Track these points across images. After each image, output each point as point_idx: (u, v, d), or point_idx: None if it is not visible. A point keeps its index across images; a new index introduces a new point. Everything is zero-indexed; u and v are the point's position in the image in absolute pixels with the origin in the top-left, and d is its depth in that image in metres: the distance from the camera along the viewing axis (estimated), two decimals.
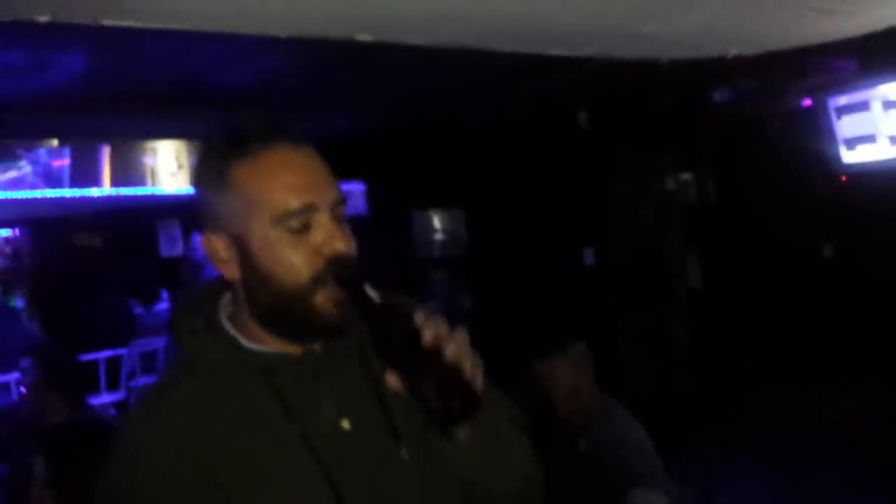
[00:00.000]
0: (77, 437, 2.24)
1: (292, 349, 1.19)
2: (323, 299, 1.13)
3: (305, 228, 1.13)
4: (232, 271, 1.18)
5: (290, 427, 1.15)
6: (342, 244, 1.14)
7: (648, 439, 2.44)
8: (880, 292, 4.43)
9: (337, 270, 1.13)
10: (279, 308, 1.15)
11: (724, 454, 5.03)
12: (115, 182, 6.11)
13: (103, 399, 5.93)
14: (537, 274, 5.67)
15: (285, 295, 1.14)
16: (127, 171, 6.15)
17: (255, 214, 1.13)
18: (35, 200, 5.95)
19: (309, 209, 1.13)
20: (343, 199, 1.18)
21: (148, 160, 6.21)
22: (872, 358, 4.68)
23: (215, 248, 1.18)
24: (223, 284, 1.24)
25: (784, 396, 6.24)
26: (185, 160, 6.23)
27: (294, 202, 1.13)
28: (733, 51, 3.85)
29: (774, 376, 6.30)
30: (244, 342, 1.20)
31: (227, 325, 1.22)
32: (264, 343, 1.19)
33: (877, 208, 4.27)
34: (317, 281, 1.13)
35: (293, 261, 1.13)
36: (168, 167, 6.25)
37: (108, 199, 6.35)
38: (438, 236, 5.86)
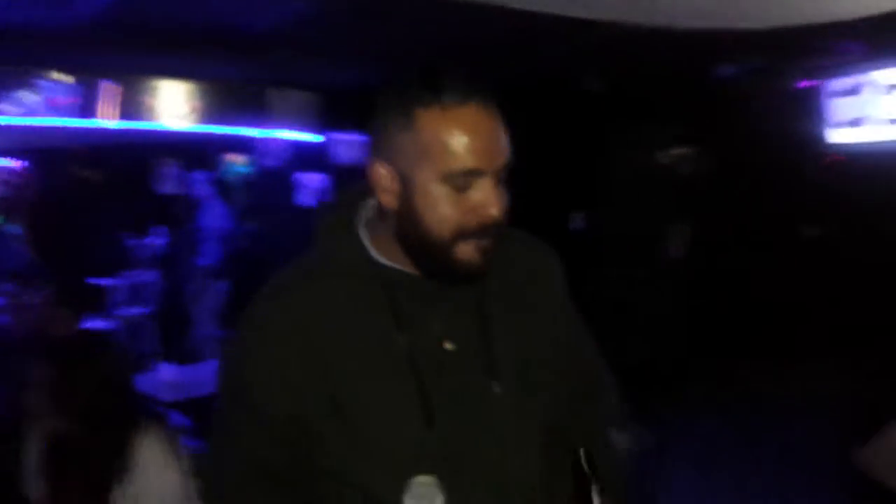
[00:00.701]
0: (79, 348, 2.30)
1: (415, 270, 1.26)
2: (463, 251, 1.20)
3: (467, 187, 1.18)
4: (390, 202, 1.22)
5: (397, 337, 1.23)
6: (496, 210, 1.19)
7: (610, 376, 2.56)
8: (859, 271, 4.53)
9: (483, 232, 1.20)
10: (422, 249, 1.22)
11: (687, 413, 5.19)
12: (122, 118, 6.15)
13: (92, 326, 6.01)
14: (529, 232, 5.69)
15: (431, 240, 1.20)
16: (134, 108, 6.19)
17: (426, 163, 1.17)
18: (41, 132, 5.99)
19: (476, 172, 1.18)
20: (509, 162, 1.21)
21: (156, 99, 6.24)
22: (841, 335, 4.80)
23: (381, 177, 1.21)
24: (366, 192, 1.29)
25: (754, 367, 6.38)
26: (192, 101, 6.27)
27: (465, 164, 1.16)
28: (742, 24, 3.89)
29: (747, 347, 6.44)
30: (374, 253, 1.27)
31: (363, 233, 1.29)
32: (393, 260, 1.26)
33: (861, 190, 4.36)
34: (462, 235, 1.19)
35: (446, 214, 1.18)
36: (175, 107, 6.28)
37: (110, 135, 6.40)
38: None
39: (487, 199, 1.19)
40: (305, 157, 5.92)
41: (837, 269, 5.03)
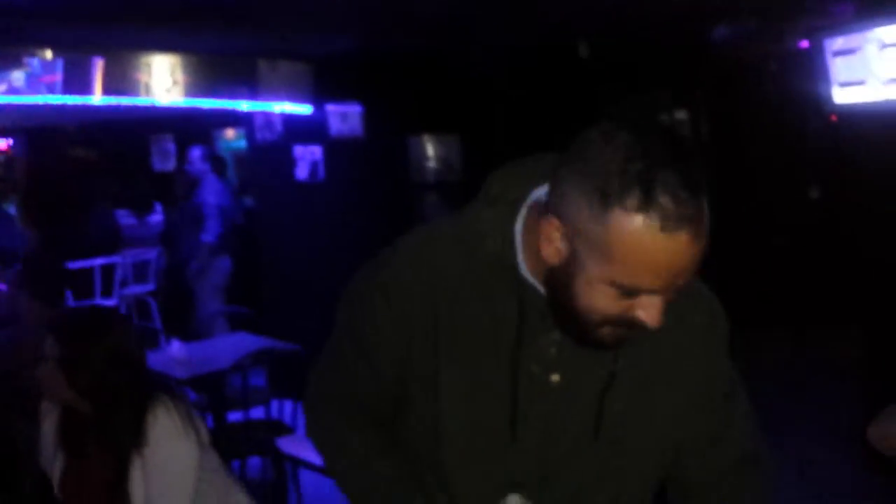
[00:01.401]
0: (82, 321, 2.33)
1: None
2: (604, 332, 1.12)
3: (632, 296, 1.07)
4: (551, 257, 1.10)
5: (511, 351, 1.20)
6: (654, 325, 1.09)
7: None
8: (864, 232, 4.54)
9: (631, 330, 1.12)
10: (564, 312, 1.13)
11: None
12: (110, 94, 6.10)
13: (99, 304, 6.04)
14: None
15: (575, 315, 1.12)
16: (120, 84, 6.13)
17: (602, 261, 1.05)
18: (29, 110, 5.93)
19: (651, 292, 1.07)
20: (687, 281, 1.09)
21: (142, 73, 6.18)
22: (850, 300, 4.83)
23: (552, 235, 1.09)
24: (538, 177, 1.19)
25: (762, 333, 6.43)
26: (180, 75, 6.22)
27: (643, 284, 1.05)
28: None
29: (754, 314, 6.48)
30: (521, 262, 1.18)
31: (518, 231, 1.19)
32: (536, 276, 1.17)
33: (864, 150, 4.36)
34: (611, 323, 1.11)
35: (601, 307, 1.09)
36: (163, 81, 6.23)
37: (102, 111, 6.34)
38: (432, 162, 5.91)
39: (650, 315, 1.08)
40: (300, 129, 5.89)
41: (845, 231, 5.04)
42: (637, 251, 1.01)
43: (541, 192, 1.17)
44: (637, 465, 1.28)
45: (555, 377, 1.21)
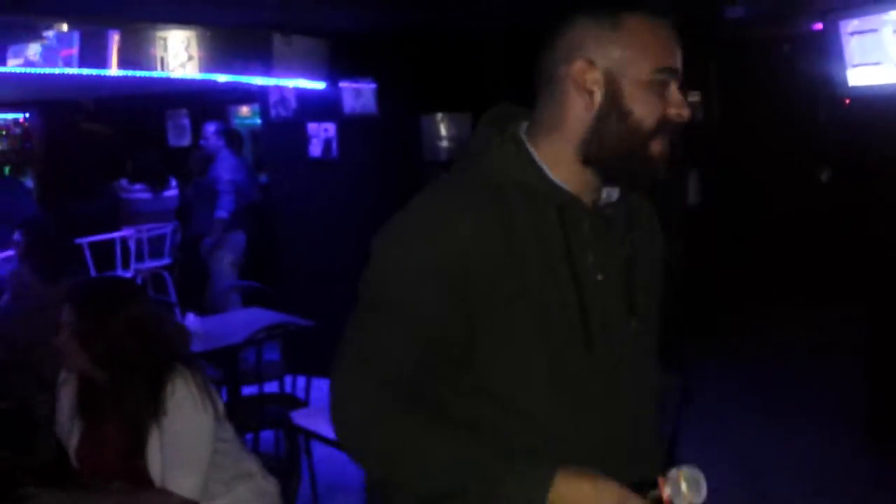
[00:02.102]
0: (100, 290, 2.35)
1: (585, 196, 1.33)
2: (656, 147, 1.29)
3: (666, 86, 1.29)
4: (591, 103, 1.29)
5: (565, 265, 1.29)
6: (686, 111, 1.30)
7: None
8: (874, 216, 4.55)
9: (675, 129, 1.30)
10: (622, 144, 1.29)
11: (705, 364, 5.26)
12: (124, 67, 6.12)
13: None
14: None
15: (635, 133, 1.28)
16: (136, 57, 6.15)
17: (640, 59, 1.27)
18: (46, 84, 5.96)
19: (675, 72, 1.30)
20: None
21: (157, 47, 6.20)
22: (857, 283, 4.84)
23: (585, 78, 1.28)
24: (516, 114, 1.39)
25: (766, 314, 6.46)
26: (195, 49, 6.23)
27: (670, 62, 1.29)
28: None
29: (765, 294, 6.50)
30: (549, 173, 1.31)
31: (532, 151, 1.33)
32: (565, 180, 1.32)
33: (877, 133, 4.35)
34: (660, 129, 1.29)
35: (655, 105, 1.28)
36: (178, 56, 6.24)
37: (117, 86, 6.36)
38: (444, 140, 5.92)
39: (681, 100, 1.30)
40: (313, 106, 5.90)
41: (855, 213, 5.04)
42: (653, 34, 1.28)
43: (525, 124, 1.37)
44: (655, 343, 1.45)
45: (599, 276, 1.32)
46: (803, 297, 6.48)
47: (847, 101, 5.02)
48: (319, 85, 5.63)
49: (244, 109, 8.88)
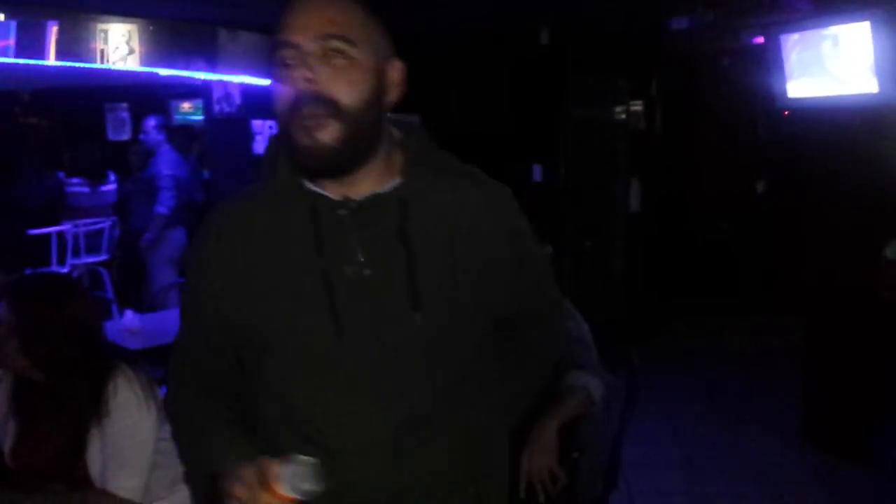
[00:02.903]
0: (40, 288, 2.25)
1: (336, 194, 1.29)
2: (296, 133, 1.21)
3: (286, 64, 1.21)
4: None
5: (316, 260, 1.27)
6: (301, 82, 1.19)
7: (589, 333, 2.60)
8: (809, 227, 4.68)
9: (297, 106, 1.20)
10: (283, 137, 1.26)
11: (647, 368, 5.35)
12: (62, 59, 5.97)
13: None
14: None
15: (279, 125, 1.25)
16: (75, 49, 6.00)
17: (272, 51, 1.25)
18: None
19: (286, 45, 1.20)
20: (334, 36, 1.21)
21: (98, 40, 6.06)
22: (795, 292, 4.99)
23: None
24: None
25: (706, 322, 6.60)
26: (136, 42, 6.11)
27: (280, 38, 1.21)
28: None
29: (700, 301, 6.64)
30: (303, 179, 1.30)
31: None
32: (318, 185, 1.30)
33: (814, 145, 4.48)
34: (291, 111, 1.20)
35: (277, 93, 1.23)
36: (119, 48, 6.11)
37: (56, 78, 6.21)
38: None
39: (297, 72, 1.20)
40: (258, 102, 5.83)
41: (795, 224, 5.19)
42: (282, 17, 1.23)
43: None
44: (459, 338, 1.33)
45: (367, 272, 1.28)
46: (744, 304, 6.65)
47: (786, 113, 5.17)
48: (265, 81, 5.57)
49: (185, 105, 8.74)
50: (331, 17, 1.22)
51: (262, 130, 5.79)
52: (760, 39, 5.21)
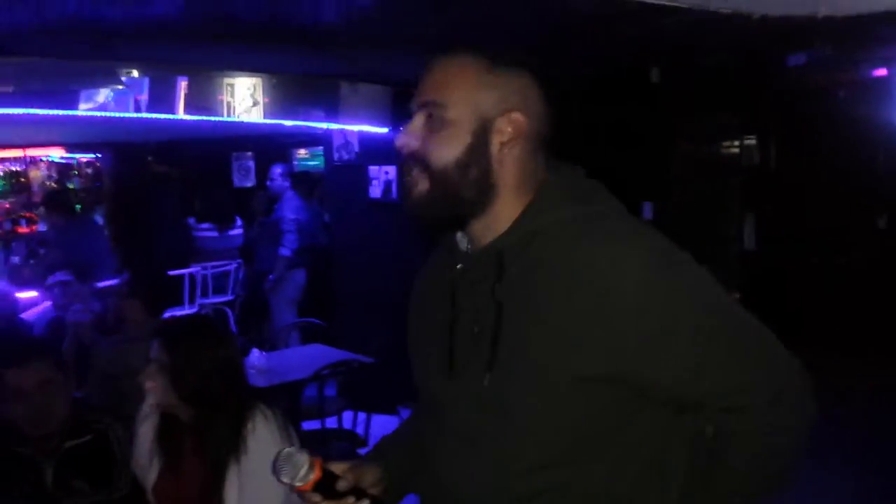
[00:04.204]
0: (190, 328, 2.41)
1: (470, 245, 1.39)
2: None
3: None
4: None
5: (450, 309, 1.37)
6: (401, 143, 1.32)
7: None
8: None
9: (402, 165, 1.35)
10: None
11: None
12: (191, 112, 6.33)
13: (184, 311, 6.29)
14: None
15: None
16: (203, 103, 6.35)
17: None
18: (116, 126, 6.18)
19: (410, 111, 1.34)
20: (429, 102, 1.31)
21: (224, 93, 6.40)
22: None
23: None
24: None
25: (830, 363, 6.34)
26: (261, 95, 6.42)
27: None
28: (823, 11, 3.86)
29: (822, 342, 6.39)
30: (460, 238, 1.40)
31: None
32: (462, 243, 1.41)
33: None
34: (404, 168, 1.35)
35: None
36: (244, 101, 6.44)
37: (185, 129, 6.57)
38: None
39: (401, 135, 1.33)
40: (374, 149, 6.03)
41: None
42: None
43: None
44: (531, 402, 1.26)
45: (476, 327, 1.32)
46: (864, 345, 6.37)
47: None
48: (382, 130, 5.76)
49: (302, 151, 9.08)
50: (435, 82, 1.32)
51: (378, 176, 5.98)
52: (882, 72, 5.07)
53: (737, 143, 6.22)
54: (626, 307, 1.20)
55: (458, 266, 1.36)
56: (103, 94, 5.95)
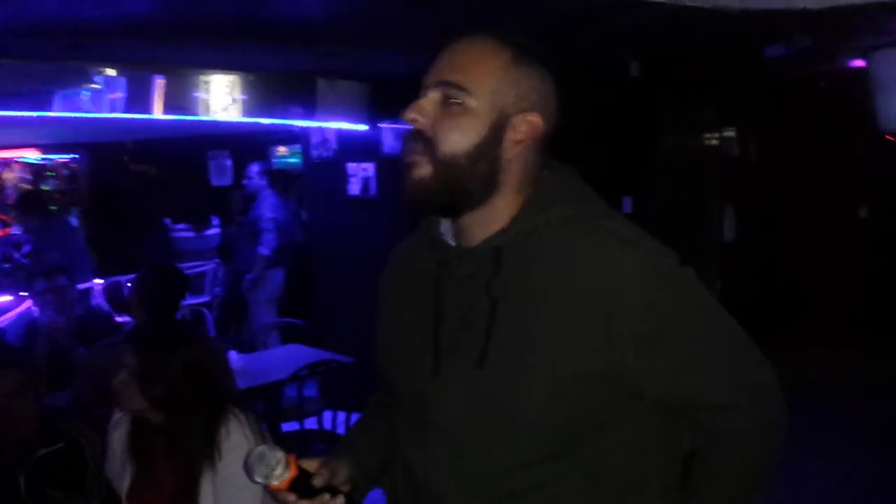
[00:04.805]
0: (160, 333, 2.38)
1: (459, 239, 1.36)
2: (401, 163, 1.30)
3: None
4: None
5: (433, 303, 1.33)
6: (410, 118, 1.27)
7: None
8: None
9: (405, 140, 1.29)
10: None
11: None
12: (171, 111, 6.26)
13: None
14: None
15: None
16: (180, 102, 6.29)
17: None
18: (93, 126, 6.11)
19: (422, 86, 1.29)
20: (451, 83, 1.26)
21: (201, 91, 6.33)
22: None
23: None
24: None
25: (810, 353, 6.36)
26: (239, 93, 6.36)
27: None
28: (800, 3, 3.85)
29: (803, 333, 6.41)
30: (441, 227, 1.38)
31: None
32: (446, 232, 1.38)
33: None
34: (402, 145, 1.30)
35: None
36: (221, 100, 6.37)
37: (161, 128, 6.51)
38: None
39: (410, 109, 1.28)
40: (353, 146, 5.99)
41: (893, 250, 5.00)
42: None
43: None
44: (524, 397, 1.24)
45: (465, 323, 1.30)
46: (845, 335, 6.39)
47: (888, 137, 5.00)
48: (361, 127, 5.72)
49: (282, 149, 9.03)
50: (461, 64, 1.27)
51: (357, 173, 5.94)
52: (860, 63, 5.07)
53: (716, 135, 6.23)
54: (626, 306, 1.21)
55: (443, 260, 1.33)
56: (81, 94, 5.88)
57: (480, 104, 1.25)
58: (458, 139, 1.25)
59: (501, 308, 1.25)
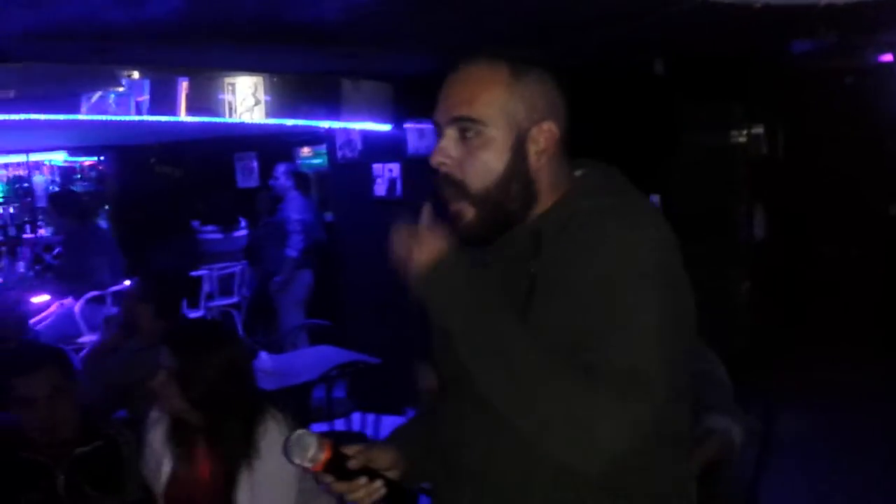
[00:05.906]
0: (197, 334, 2.41)
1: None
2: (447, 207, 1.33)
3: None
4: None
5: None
6: (436, 162, 1.32)
7: (725, 374, 2.51)
8: None
9: (440, 185, 1.33)
10: None
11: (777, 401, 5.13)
12: (197, 114, 6.31)
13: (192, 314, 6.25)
14: None
15: None
16: (204, 104, 6.33)
17: None
18: (119, 129, 6.16)
19: (436, 125, 1.32)
20: (466, 118, 1.29)
21: (226, 93, 6.38)
22: None
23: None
24: None
25: (840, 353, 6.29)
26: (263, 95, 6.40)
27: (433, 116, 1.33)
28: None
29: (831, 333, 6.35)
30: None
31: None
32: None
33: None
34: (440, 188, 1.33)
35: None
36: (246, 101, 6.41)
37: (188, 130, 6.56)
38: None
39: (435, 153, 1.32)
40: (378, 147, 6.01)
41: None
42: None
43: None
44: None
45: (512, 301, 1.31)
46: (875, 335, 6.32)
47: None
48: (385, 127, 5.73)
49: (306, 150, 9.07)
50: (467, 97, 1.30)
51: (382, 174, 5.96)
52: (888, 57, 5.03)
53: (744, 132, 6.18)
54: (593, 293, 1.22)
55: (497, 244, 1.35)
56: (106, 96, 5.94)
57: (497, 130, 1.29)
58: (486, 172, 1.30)
59: (539, 283, 1.28)
